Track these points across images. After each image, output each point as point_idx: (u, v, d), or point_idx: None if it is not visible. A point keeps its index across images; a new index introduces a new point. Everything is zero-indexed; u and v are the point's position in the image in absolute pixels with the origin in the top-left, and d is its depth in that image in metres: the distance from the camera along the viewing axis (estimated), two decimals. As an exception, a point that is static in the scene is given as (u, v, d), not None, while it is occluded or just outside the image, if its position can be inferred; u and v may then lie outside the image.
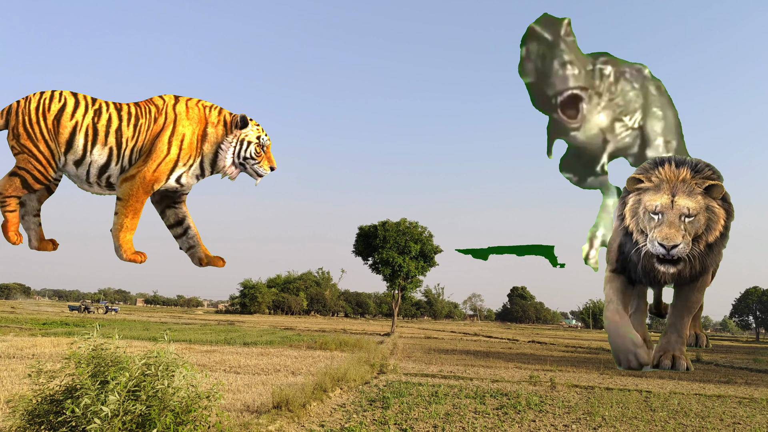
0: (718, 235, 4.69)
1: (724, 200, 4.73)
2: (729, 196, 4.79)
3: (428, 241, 50.27)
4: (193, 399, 7.50)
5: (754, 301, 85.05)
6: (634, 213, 4.81)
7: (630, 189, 4.88)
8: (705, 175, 4.70)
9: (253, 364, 20.15)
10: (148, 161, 4.90)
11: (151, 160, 4.91)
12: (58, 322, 44.24)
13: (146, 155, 4.93)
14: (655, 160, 4.88)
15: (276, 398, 12.07)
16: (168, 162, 4.96)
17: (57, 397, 7.11)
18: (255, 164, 5.11)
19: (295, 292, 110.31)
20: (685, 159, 4.81)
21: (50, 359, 11.46)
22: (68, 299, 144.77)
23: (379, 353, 25.57)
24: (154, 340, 24.84)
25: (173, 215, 5.37)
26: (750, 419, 14.43)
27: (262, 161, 5.12)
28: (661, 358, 5.09)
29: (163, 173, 4.97)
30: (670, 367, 5.08)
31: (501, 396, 16.12)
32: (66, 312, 69.62)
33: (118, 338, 7.69)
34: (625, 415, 14.06)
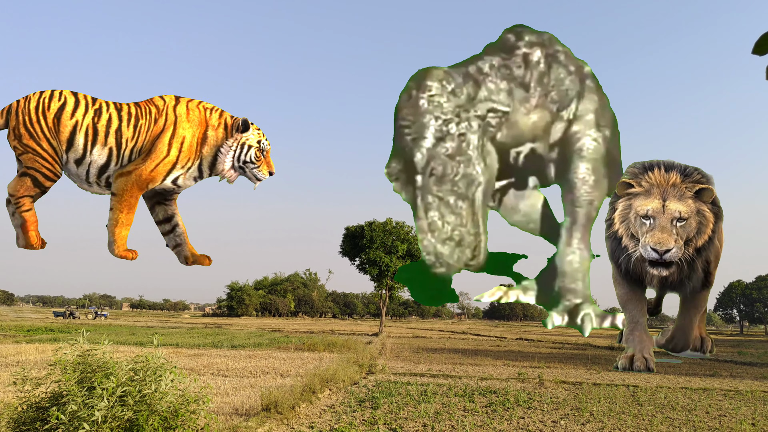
0: (707, 239, 4.70)
1: (714, 203, 4.74)
2: (718, 199, 4.81)
3: (415, 241, 50.32)
4: (181, 403, 7.46)
5: (738, 295, 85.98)
6: (624, 218, 4.79)
7: (620, 194, 4.85)
8: (694, 179, 4.69)
9: (241, 367, 20.05)
10: (147, 160, 4.89)
11: (150, 159, 4.90)
12: (42, 328, 43.72)
13: (146, 154, 4.91)
14: (644, 165, 4.87)
15: (265, 401, 12.02)
16: (166, 163, 4.95)
17: (43, 404, 7.04)
18: (254, 168, 5.10)
19: (283, 294, 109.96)
20: (674, 163, 4.81)
21: (35, 366, 11.34)
22: (53, 305, 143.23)
23: (368, 353, 25.56)
24: (141, 345, 24.65)
25: (162, 212, 5.36)
26: (735, 411, 14.59)
27: (261, 166, 5.12)
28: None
29: (160, 174, 4.96)
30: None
31: (490, 393, 16.17)
32: (51, 318, 68.84)
33: (106, 343, 7.63)
34: (613, 410, 14.17)
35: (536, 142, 6.12)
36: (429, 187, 5.57)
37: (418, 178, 5.57)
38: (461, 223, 5.67)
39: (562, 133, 6.09)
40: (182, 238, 5.28)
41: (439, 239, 5.69)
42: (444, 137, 5.64)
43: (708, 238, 4.70)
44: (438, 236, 5.68)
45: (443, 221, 5.66)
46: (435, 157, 5.60)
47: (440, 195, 5.56)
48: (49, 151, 4.78)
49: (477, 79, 6.08)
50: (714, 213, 4.71)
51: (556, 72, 6.17)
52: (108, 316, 78.04)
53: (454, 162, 5.63)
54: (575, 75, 6.26)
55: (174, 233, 5.36)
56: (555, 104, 6.11)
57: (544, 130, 6.15)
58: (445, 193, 5.57)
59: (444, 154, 5.64)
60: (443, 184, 5.60)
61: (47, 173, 4.80)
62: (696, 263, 4.74)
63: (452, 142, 5.68)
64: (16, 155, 4.79)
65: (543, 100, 6.13)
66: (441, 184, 5.60)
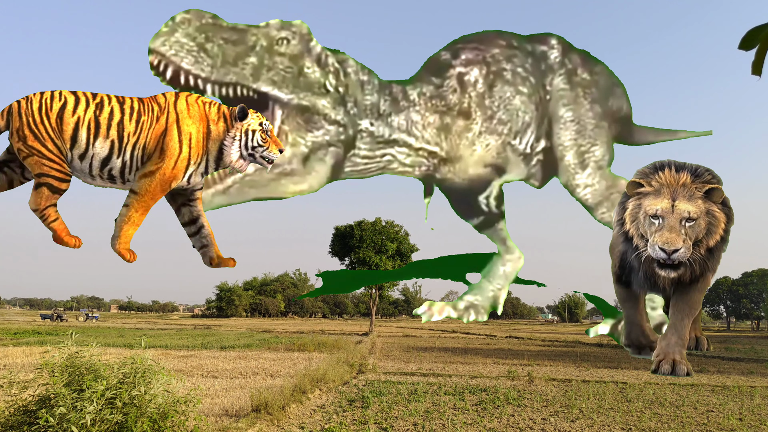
0: (719, 239, 4.73)
1: (724, 204, 4.78)
2: (729, 200, 4.84)
3: (405, 240, 50.30)
4: (170, 405, 7.43)
5: (725, 291, 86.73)
6: (634, 218, 4.82)
7: (630, 194, 4.88)
8: (705, 179, 4.72)
9: (230, 368, 19.99)
10: (165, 158, 4.86)
11: (168, 157, 4.87)
12: (30, 331, 43.33)
13: (160, 153, 4.88)
14: (655, 165, 4.89)
15: (255, 401, 11.99)
16: (183, 160, 4.94)
17: (31, 408, 6.99)
18: (264, 150, 5.08)
19: (272, 294, 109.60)
20: (684, 163, 4.85)
21: (23, 369, 11.24)
22: (40, 307, 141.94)
23: (358, 353, 25.55)
24: (130, 347, 24.50)
25: (188, 213, 5.33)
26: (723, 407, 14.73)
27: (270, 146, 5.10)
28: (661, 363, 5.00)
29: (181, 171, 4.95)
30: (670, 372, 5.02)
31: (480, 392, 16.22)
32: (38, 321, 68.23)
33: (95, 345, 7.58)
34: (602, 407, 14.26)
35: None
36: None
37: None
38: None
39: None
40: (209, 239, 5.26)
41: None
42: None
43: (720, 238, 4.73)
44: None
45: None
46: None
47: None
48: (55, 151, 4.76)
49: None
50: (725, 214, 4.75)
51: (502, 90, 5.79)
52: (99, 318, 77.46)
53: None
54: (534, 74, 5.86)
55: (200, 234, 5.34)
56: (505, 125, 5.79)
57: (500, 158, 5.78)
58: None
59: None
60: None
61: (59, 175, 4.77)
62: (707, 264, 4.78)
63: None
64: (21, 158, 4.76)
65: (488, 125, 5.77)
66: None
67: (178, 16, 5.11)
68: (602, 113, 6.06)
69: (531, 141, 5.88)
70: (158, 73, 5.10)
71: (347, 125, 5.43)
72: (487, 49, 5.86)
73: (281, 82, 5.30)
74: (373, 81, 5.57)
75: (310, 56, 5.38)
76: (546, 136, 5.93)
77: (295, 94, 5.33)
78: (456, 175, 5.77)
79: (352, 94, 5.45)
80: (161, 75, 5.10)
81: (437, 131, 5.69)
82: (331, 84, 5.40)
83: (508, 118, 5.80)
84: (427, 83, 5.74)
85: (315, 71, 5.37)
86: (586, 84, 6.04)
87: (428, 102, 5.68)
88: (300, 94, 5.34)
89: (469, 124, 5.74)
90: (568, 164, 5.93)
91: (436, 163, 5.74)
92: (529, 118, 5.85)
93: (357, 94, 5.47)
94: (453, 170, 5.77)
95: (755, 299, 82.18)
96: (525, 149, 5.87)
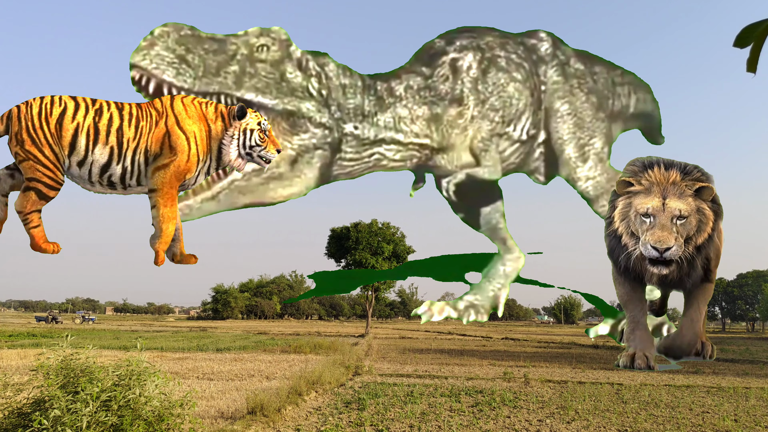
0: (707, 237, 4.77)
1: (714, 201, 4.81)
2: (718, 197, 4.87)
3: (401, 242, 50.31)
4: (165, 407, 7.41)
5: (720, 293, 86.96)
6: (624, 216, 4.84)
7: (620, 192, 4.90)
8: (694, 176, 4.75)
9: (226, 370, 19.95)
10: (177, 153, 4.87)
11: (180, 152, 4.89)
12: (24, 333, 43.14)
13: (170, 149, 4.89)
14: (644, 163, 4.91)
15: (250, 404, 11.97)
16: (194, 155, 4.97)
17: (25, 410, 6.96)
18: (262, 150, 5.09)
19: (268, 296, 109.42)
20: (673, 161, 4.88)
21: (17, 372, 11.20)
22: (35, 310, 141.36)
23: (354, 355, 25.53)
24: (125, 349, 24.43)
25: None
26: (718, 408, 14.77)
27: (267, 146, 5.11)
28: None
29: (194, 165, 4.98)
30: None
31: (476, 393, 16.23)
32: (33, 323, 67.96)
33: (91, 347, 7.56)
34: (598, 408, 14.28)
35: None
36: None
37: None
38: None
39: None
40: (177, 234, 5.26)
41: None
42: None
43: (708, 236, 4.76)
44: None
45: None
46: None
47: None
48: (51, 158, 4.76)
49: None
50: (714, 211, 4.78)
51: (495, 76, 5.76)
52: (95, 320, 77.24)
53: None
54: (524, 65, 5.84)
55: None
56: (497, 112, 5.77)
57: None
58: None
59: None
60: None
61: (50, 182, 4.77)
62: (696, 261, 4.80)
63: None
64: (17, 162, 4.76)
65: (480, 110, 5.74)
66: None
67: (157, 30, 5.11)
68: (599, 105, 6.05)
69: (527, 127, 5.86)
70: (141, 88, 5.08)
71: (332, 128, 5.44)
72: (481, 37, 5.87)
73: (264, 88, 5.31)
74: (356, 82, 5.55)
75: (291, 61, 5.38)
76: (543, 127, 5.92)
77: (279, 100, 5.33)
78: (449, 162, 5.76)
79: (335, 98, 5.46)
80: (144, 90, 5.09)
81: (427, 123, 5.67)
82: (314, 87, 5.40)
83: (501, 104, 5.80)
84: (415, 75, 5.72)
85: (297, 75, 5.38)
86: (580, 75, 6.03)
87: (416, 95, 5.67)
88: (284, 99, 5.34)
89: (461, 111, 5.72)
90: (568, 158, 5.92)
91: (428, 153, 5.73)
92: (523, 105, 5.84)
93: (339, 97, 5.48)
94: (446, 158, 5.75)
95: (750, 301, 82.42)
96: (521, 136, 5.86)
